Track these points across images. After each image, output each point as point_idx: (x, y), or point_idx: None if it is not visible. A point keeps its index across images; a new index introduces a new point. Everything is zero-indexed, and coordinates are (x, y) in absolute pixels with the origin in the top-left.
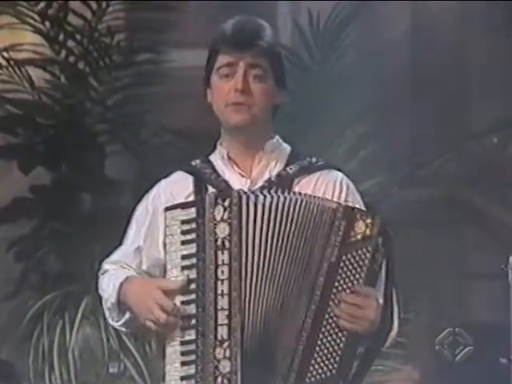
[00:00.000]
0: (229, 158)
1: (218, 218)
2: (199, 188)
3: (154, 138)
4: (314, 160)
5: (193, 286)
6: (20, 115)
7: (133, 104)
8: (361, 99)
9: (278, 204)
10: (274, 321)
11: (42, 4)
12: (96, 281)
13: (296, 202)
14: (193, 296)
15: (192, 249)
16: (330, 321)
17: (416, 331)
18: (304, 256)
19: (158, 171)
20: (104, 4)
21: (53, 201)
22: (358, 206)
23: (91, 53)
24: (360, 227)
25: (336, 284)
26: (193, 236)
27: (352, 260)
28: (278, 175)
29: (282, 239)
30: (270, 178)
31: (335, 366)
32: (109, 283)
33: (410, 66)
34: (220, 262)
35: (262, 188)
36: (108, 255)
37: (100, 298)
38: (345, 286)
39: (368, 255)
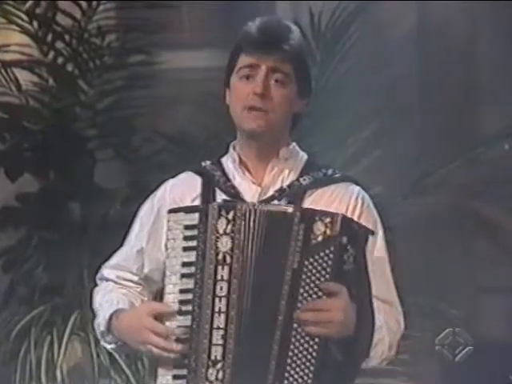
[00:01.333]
0: (240, 162)
1: (221, 230)
2: (207, 191)
3: (146, 143)
4: (330, 172)
5: (189, 296)
6: (6, 120)
7: (124, 108)
8: (364, 104)
9: (255, 217)
10: (264, 340)
11: (30, 3)
12: (93, 285)
13: (262, 212)
14: (189, 307)
15: (193, 257)
16: (299, 329)
17: (421, 349)
18: (274, 267)
19: (150, 179)
20: (94, 3)
21: (40, 210)
22: (370, 224)
23: (81, 54)
24: (319, 228)
25: (301, 291)
26: (196, 243)
27: (315, 263)
28: (290, 185)
29: (264, 254)
30: (281, 188)
31: (310, 376)
32: (102, 304)
33: (416, 68)
34: (219, 278)
35: (271, 198)
36: (99, 266)
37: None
38: (311, 292)
39: (331, 256)
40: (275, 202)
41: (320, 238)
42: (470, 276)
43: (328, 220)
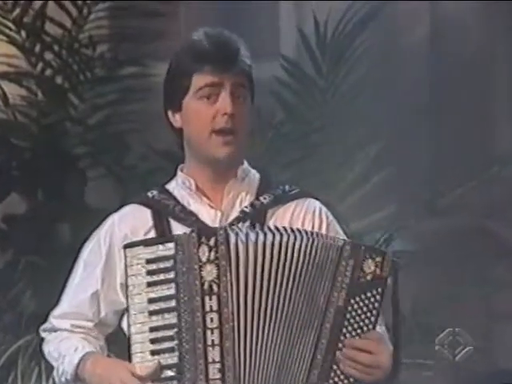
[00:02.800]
0: (196, 187)
1: (204, 258)
2: (160, 222)
3: (141, 161)
4: (287, 188)
5: (171, 332)
6: None
7: (117, 123)
8: (374, 117)
9: (273, 242)
10: (273, 375)
11: (17, 11)
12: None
13: (296, 239)
14: (173, 344)
15: (161, 291)
16: (339, 372)
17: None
18: (307, 300)
19: None
20: (85, 11)
21: (28, 232)
22: (339, 236)
23: (71, 66)
24: (369, 266)
25: (344, 330)
26: (162, 277)
27: (361, 303)
28: (252, 205)
29: (281, 282)
30: (243, 210)
31: None
32: (61, 353)
33: (430, 79)
34: (208, 309)
35: (237, 220)
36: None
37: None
38: (354, 334)
39: (378, 297)
40: (240, 224)
41: (369, 277)
42: (485, 301)
43: (379, 259)
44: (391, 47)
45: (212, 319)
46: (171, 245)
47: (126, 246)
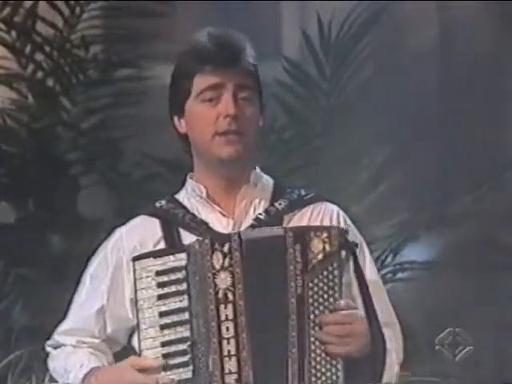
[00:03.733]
0: (207, 195)
1: (218, 266)
2: (170, 232)
3: (136, 168)
4: (303, 192)
5: (184, 346)
6: None
7: (111, 128)
8: (380, 122)
9: (249, 247)
10: (282, 377)
11: (7, 10)
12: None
13: (253, 240)
14: (187, 358)
15: (173, 304)
16: (319, 358)
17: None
18: (277, 297)
19: (140, 208)
20: (78, 10)
21: (18, 243)
22: (358, 241)
23: (62, 67)
24: (317, 245)
25: (311, 317)
26: (174, 289)
27: (321, 284)
28: (267, 212)
29: (266, 285)
30: (257, 217)
31: None
32: (66, 369)
33: (439, 81)
34: (223, 318)
35: (251, 228)
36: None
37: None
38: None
39: (336, 272)
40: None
41: (320, 256)
42: (496, 313)
43: (325, 235)
44: (398, 48)
45: (228, 328)
46: (183, 255)
47: (135, 259)
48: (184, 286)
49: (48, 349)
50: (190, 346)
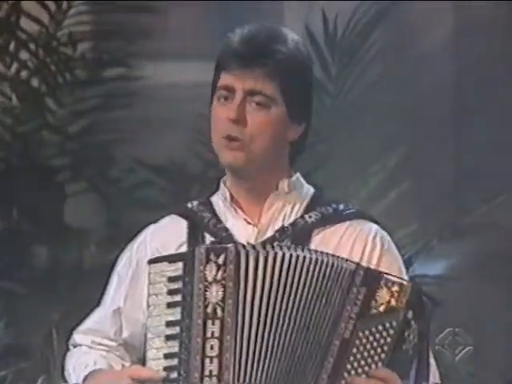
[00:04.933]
0: (232, 199)
1: (210, 278)
2: (194, 236)
3: (127, 175)
4: (341, 207)
5: (175, 362)
6: None
7: (100, 132)
8: (390, 125)
9: (282, 262)
10: None
11: None
12: (65, 352)
13: (305, 259)
14: (175, 374)
15: (179, 314)
16: None
17: None
18: (310, 330)
19: (132, 218)
20: (65, 5)
21: (2, 255)
22: (394, 271)
23: (48, 66)
24: (383, 296)
25: (348, 367)
26: (178, 298)
27: (371, 337)
28: (294, 224)
29: (286, 308)
30: (282, 228)
31: None
32: (75, 368)
33: (453, 82)
34: (209, 335)
35: (271, 240)
36: (72, 328)
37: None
38: (359, 371)
39: (391, 331)
40: (275, 243)
41: (382, 308)
42: None
43: (395, 288)
44: (409, 47)
45: (212, 346)
46: (181, 263)
47: (151, 261)
48: (179, 298)
49: (69, 346)
50: (178, 363)
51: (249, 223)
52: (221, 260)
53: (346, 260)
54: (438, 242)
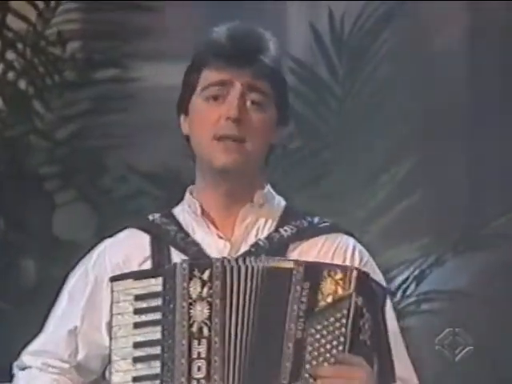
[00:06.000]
0: (203, 212)
1: (194, 295)
2: (159, 251)
3: (119, 184)
4: (316, 220)
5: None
6: None
7: (91, 138)
8: (400, 132)
9: (246, 275)
10: None
11: None
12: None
13: (252, 269)
14: None
15: (150, 334)
16: None
17: None
18: (267, 339)
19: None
20: (53, 2)
21: None
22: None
23: (36, 67)
24: (328, 287)
25: (307, 366)
26: (151, 317)
27: (324, 332)
28: (269, 238)
29: (253, 322)
30: (257, 242)
31: None
32: None
33: (468, 86)
34: (195, 355)
35: (247, 255)
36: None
37: None
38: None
39: (344, 321)
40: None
41: (330, 299)
42: None
43: (339, 276)
44: (421, 47)
45: (199, 368)
46: (160, 279)
47: (114, 279)
48: (159, 316)
49: (14, 370)
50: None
51: (220, 237)
52: (206, 276)
53: (285, 260)
54: (451, 256)
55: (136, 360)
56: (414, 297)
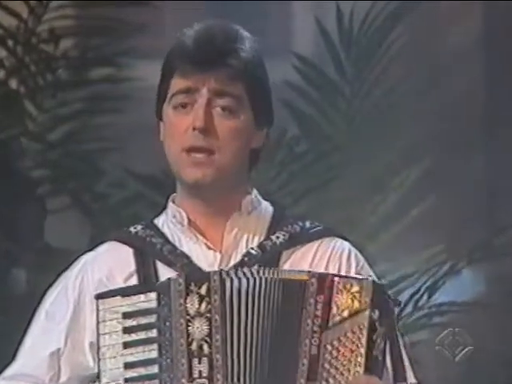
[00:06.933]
0: (189, 222)
1: (192, 311)
2: (144, 266)
3: (115, 188)
4: (308, 224)
5: None
6: None
7: (85, 140)
8: (412, 135)
9: (254, 287)
10: None
11: None
12: None
13: (261, 281)
14: None
15: (143, 354)
16: None
17: None
18: (279, 355)
19: None
20: None
21: None
22: None
23: (28, 66)
24: (344, 300)
25: None
26: (143, 335)
27: (342, 349)
28: (261, 246)
29: (262, 337)
30: (249, 252)
31: None
32: None
33: (483, 86)
34: (196, 375)
35: (240, 265)
36: None
37: None
38: None
39: (361, 336)
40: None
41: (346, 314)
42: None
43: (356, 289)
44: (435, 45)
45: None
46: (153, 295)
47: (99, 297)
48: (154, 333)
49: None
50: None
51: (210, 248)
52: (203, 290)
53: (297, 271)
54: (466, 264)
55: (128, 381)
56: (425, 309)
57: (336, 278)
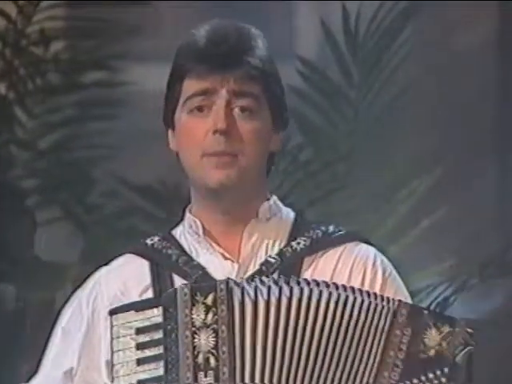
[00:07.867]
0: (205, 232)
1: (198, 322)
2: (160, 279)
3: (107, 199)
4: (331, 229)
5: None
6: None
7: (77, 148)
8: (423, 142)
9: (290, 299)
10: None
11: None
12: None
13: (331, 295)
14: None
15: (155, 371)
16: None
17: None
18: (345, 382)
19: (114, 250)
20: None
21: None
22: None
23: (17, 69)
24: (433, 338)
25: None
26: (154, 351)
27: None
28: (280, 254)
29: (307, 356)
30: (267, 260)
31: None
32: None
33: (496, 92)
34: None
35: (258, 274)
36: None
37: None
38: None
39: (443, 380)
40: (264, 279)
41: (432, 353)
42: None
43: (447, 329)
44: (445, 49)
45: None
46: (161, 308)
47: (112, 312)
48: (161, 349)
49: None
50: None
51: (227, 258)
52: (209, 300)
53: (383, 298)
54: (479, 280)
55: None
56: None
57: (426, 312)
